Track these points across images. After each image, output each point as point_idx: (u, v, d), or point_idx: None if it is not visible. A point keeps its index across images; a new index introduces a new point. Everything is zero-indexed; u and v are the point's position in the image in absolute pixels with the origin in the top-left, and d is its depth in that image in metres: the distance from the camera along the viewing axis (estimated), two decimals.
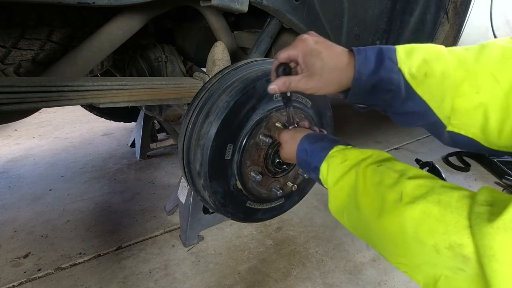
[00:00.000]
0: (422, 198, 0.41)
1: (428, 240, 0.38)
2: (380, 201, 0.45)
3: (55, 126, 2.95)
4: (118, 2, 0.73)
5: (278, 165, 0.88)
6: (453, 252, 0.35)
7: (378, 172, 0.50)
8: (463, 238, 0.35)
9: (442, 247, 0.36)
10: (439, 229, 0.37)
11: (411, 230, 0.40)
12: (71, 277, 1.15)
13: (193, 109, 0.85)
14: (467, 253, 0.34)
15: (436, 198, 0.40)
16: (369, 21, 1.12)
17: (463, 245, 0.35)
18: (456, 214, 0.37)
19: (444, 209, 0.38)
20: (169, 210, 1.50)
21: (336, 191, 0.56)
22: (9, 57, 0.91)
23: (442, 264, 0.37)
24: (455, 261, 0.35)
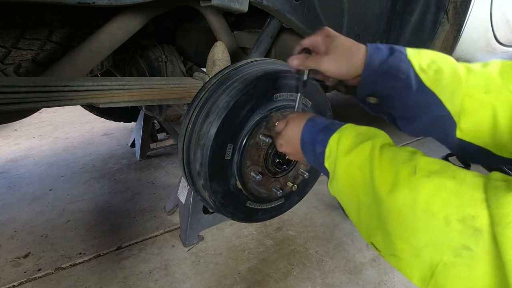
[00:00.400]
0: (437, 173, 0.40)
1: (440, 212, 0.36)
2: (394, 175, 0.44)
3: (55, 126, 2.95)
4: (118, 2, 0.73)
5: (278, 165, 0.88)
6: (464, 225, 0.34)
7: (391, 150, 0.48)
8: (477, 210, 0.34)
9: (453, 219, 0.35)
10: (453, 202, 0.36)
11: (423, 202, 0.38)
12: (71, 277, 1.15)
13: (193, 109, 0.85)
14: (480, 225, 0.33)
15: (451, 174, 0.39)
16: (369, 21, 1.11)
17: (476, 217, 0.34)
18: (472, 188, 0.36)
19: (459, 184, 0.37)
20: (169, 210, 1.50)
21: (347, 162, 0.51)
22: (9, 57, 0.91)
23: (447, 243, 0.35)
24: (464, 236, 0.34)
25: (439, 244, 0.36)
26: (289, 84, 0.84)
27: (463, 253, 0.34)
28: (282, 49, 1.44)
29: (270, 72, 0.82)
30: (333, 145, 0.55)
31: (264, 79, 0.79)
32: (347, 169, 0.51)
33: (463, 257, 0.34)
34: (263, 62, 0.92)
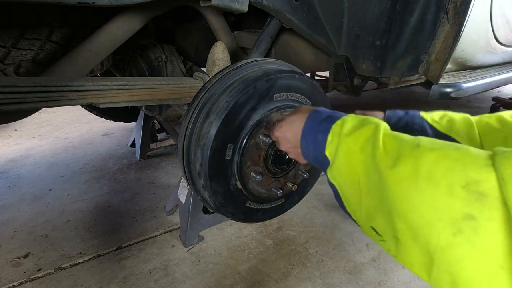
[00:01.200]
0: (440, 146, 0.39)
1: (443, 179, 0.35)
2: (397, 150, 0.43)
3: (55, 126, 2.95)
4: (118, 2, 0.73)
5: (278, 165, 0.88)
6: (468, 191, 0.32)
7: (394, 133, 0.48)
8: (482, 173, 0.32)
9: (457, 185, 0.33)
10: (456, 168, 0.34)
11: (425, 171, 0.37)
12: (71, 277, 1.15)
13: (193, 109, 0.85)
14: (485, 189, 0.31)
15: (455, 146, 0.38)
16: (369, 21, 1.11)
17: (481, 181, 0.32)
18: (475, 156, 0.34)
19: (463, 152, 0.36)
20: (169, 210, 1.50)
21: (349, 143, 0.51)
22: (9, 57, 0.91)
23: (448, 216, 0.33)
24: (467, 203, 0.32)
25: (437, 220, 0.34)
26: (288, 84, 0.84)
27: (463, 226, 0.32)
28: (282, 49, 1.45)
29: (270, 72, 0.82)
30: (336, 130, 0.55)
31: (264, 79, 0.79)
32: (348, 150, 0.51)
33: (464, 232, 0.32)
34: (263, 62, 0.92)
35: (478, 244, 0.31)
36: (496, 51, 1.62)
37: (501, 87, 3.12)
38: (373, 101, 3.60)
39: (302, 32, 1.09)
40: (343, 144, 0.52)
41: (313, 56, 1.49)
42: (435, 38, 1.09)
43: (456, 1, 1.03)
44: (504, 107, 2.99)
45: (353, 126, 0.53)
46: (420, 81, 1.31)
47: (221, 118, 0.75)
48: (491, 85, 1.54)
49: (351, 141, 0.51)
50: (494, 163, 0.32)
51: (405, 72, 1.17)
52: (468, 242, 0.31)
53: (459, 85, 1.31)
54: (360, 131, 0.50)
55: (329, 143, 0.55)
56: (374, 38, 1.14)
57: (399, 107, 0.79)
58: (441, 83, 1.27)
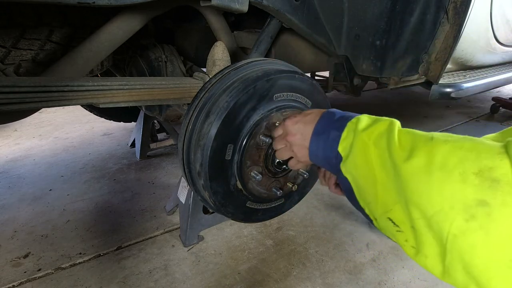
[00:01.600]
0: (454, 139, 0.40)
1: (456, 168, 0.35)
2: (411, 143, 0.44)
3: (55, 126, 2.95)
4: (118, 2, 0.73)
5: (278, 165, 0.88)
6: (481, 178, 0.33)
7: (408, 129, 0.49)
8: (495, 161, 0.33)
9: (469, 173, 0.34)
10: (469, 157, 0.35)
11: (439, 162, 0.37)
12: (71, 277, 1.15)
13: (193, 109, 0.85)
14: (498, 175, 0.32)
15: (469, 138, 0.39)
16: (369, 21, 1.11)
17: (494, 168, 0.32)
18: (490, 145, 0.35)
19: (477, 143, 0.37)
20: (169, 210, 1.50)
21: (364, 137, 0.52)
22: (9, 57, 0.91)
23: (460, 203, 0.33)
24: (480, 190, 0.32)
25: (449, 208, 0.35)
26: (289, 84, 0.84)
27: (476, 212, 0.32)
28: (282, 49, 1.45)
29: (270, 72, 0.82)
30: (351, 126, 0.56)
31: (265, 79, 0.79)
32: (364, 144, 0.52)
33: (477, 218, 0.32)
34: (263, 62, 0.92)
35: (491, 229, 0.31)
36: (496, 51, 1.63)
37: (501, 87, 3.12)
38: (373, 101, 3.60)
39: (302, 32, 1.09)
40: (358, 138, 0.53)
41: (313, 56, 1.49)
42: (435, 38, 1.09)
43: (456, 1, 1.03)
44: (504, 107, 3.00)
45: (368, 122, 0.54)
46: (420, 81, 1.31)
47: (221, 118, 0.75)
48: (491, 85, 1.54)
49: (366, 135, 0.52)
50: (507, 151, 0.33)
51: (405, 72, 1.17)
52: (481, 228, 0.32)
53: (459, 85, 1.32)
54: (374, 126, 0.52)
55: (344, 139, 0.56)
56: (374, 38, 1.14)
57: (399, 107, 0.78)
58: (441, 83, 1.27)
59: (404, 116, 2.95)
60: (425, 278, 1.12)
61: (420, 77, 1.23)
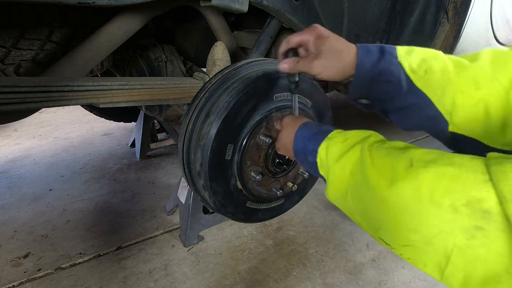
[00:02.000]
0: (433, 162, 0.39)
1: (445, 200, 0.35)
2: (390, 170, 0.43)
3: (55, 126, 2.95)
4: (118, 2, 0.73)
5: (278, 165, 0.88)
6: (471, 209, 0.33)
7: (383, 147, 0.48)
8: (482, 192, 0.33)
9: (459, 205, 0.34)
10: (456, 188, 0.35)
11: (427, 193, 0.37)
12: (71, 277, 1.15)
13: (193, 109, 0.85)
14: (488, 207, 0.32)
15: (448, 161, 0.38)
16: (369, 21, 1.11)
17: (482, 199, 0.33)
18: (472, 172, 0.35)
19: (458, 168, 0.36)
20: (169, 210, 1.50)
21: (337, 169, 0.52)
22: (9, 57, 0.91)
23: (459, 227, 0.34)
24: (474, 218, 0.33)
25: (449, 230, 0.35)
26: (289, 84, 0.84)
27: (476, 234, 0.33)
28: None
29: (270, 72, 0.82)
30: (322, 154, 0.56)
31: (265, 79, 0.79)
32: (339, 177, 0.52)
33: (477, 237, 0.33)
34: (263, 62, 0.92)
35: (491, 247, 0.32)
36: None
37: None
38: None
39: None
40: (332, 171, 0.53)
41: None
42: (435, 38, 1.09)
43: (456, 1, 1.03)
44: None
45: (338, 150, 0.53)
46: None
47: (221, 118, 0.75)
48: None
49: (339, 168, 0.52)
50: (491, 178, 0.33)
51: None
52: (483, 245, 0.33)
53: None
54: (346, 155, 0.51)
55: (320, 166, 0.57)
56: (374, 38, 1.14)
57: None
58: None
59: None
60: (425, 278, 1.12)
61: None
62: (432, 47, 1.11)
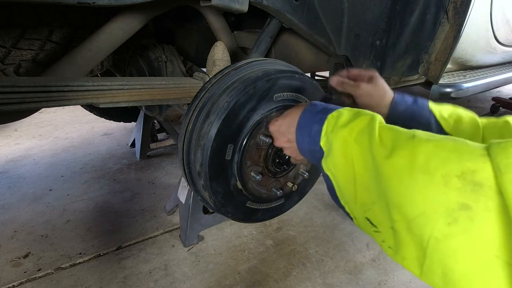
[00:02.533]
0: (436, 138, 0.39)
1: (438, 170, 0.35)
2: (393, 140, 0.43)
3: (55, 126, 2.95)
4: (118, 2, 0.73)
5: (278, 165, 0.88)
6: (463, 181, 0.32)
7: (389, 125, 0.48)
8: (478, 164, 0.32)
9: (452, 175, 0.33)
10: (452, 158, 0.34)
11: (421, 162, 0.37)
12: (71, 277, 1.15)
13: (193, 109, 0.85)
14: (480, 179, 0.31)
15: (451, 138, 0.38)
16: (369, 21, 1.11)
17: (477, 171, 0.32)
18: (472, 147, 0.34)
19: (459, 143, 0.36)
20: (169, 210, 1.50)
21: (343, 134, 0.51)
22: (9, 57, 0.90)
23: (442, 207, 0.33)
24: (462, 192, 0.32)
25: (431, 212, 0.34)
26: (289, 84, 0.84)
27: (459, 216, 0.32)
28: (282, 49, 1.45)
29: (271, 72, 0.82)
30: (331, 120, 0.55)
31: (265, 79, 0.79)
32: (344, 141, 0.50)
33: (459, 222, 0.32)
34: (263, 62, 0.92)
35: (474, 233, 0.31)
36: (496, 51, 1.63)
37: (501, 87, 3.12)
38: None
39: (302, 32, 1.09)
40: (338, 134, 0.52)
41: (313, 56, 1.49)
42: (435, 38, 1.09)
43: (456, 1, 1.03)
44: (504, 107, 2.99)
45: (348, 117, 0.53)
46: (420, 81, 1.31)
47: (221, 118, 0.75)
48: (491, 85, 1.54)
49: (346, 132, 0.51)
50: (489, 153, 0.32)
51: (405, 72, 1.17)
52: (464, 232, 0.31)
53: (459, 85, 1.32)
54: (355, 121, 0.51)
55: (324, 134, 0.55)
56: (374, 38, 1.14)
57: None
58: (441, 83, 1.27)
59: None
60: None
61: (420, 77, 1.23)
62: (432, 47, 1.11)
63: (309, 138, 0.59)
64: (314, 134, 0.57)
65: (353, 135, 0.49)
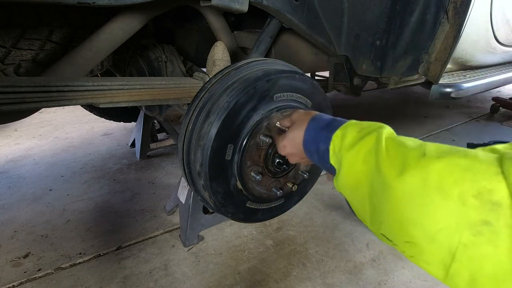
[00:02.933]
0: (447, 153, 0.38)
1: (454, 190, 0.34)
2: (402, 159, 0.42)
3: (55, 126, 2.95)
4: (118, 2, 0.73)
5: (278, 165, 0.88)
6: (481, 200, 0.32)
7: (398, 139, 0.47)
8: (493, 182, 0.32)
9: (469, 195, 0.33)
10: (466, 177, 0.34)
11: (435, 182, 0.36)
12: (71, 277, 1.15)
13: (193, 109, 0.85)
14: (498, 198, 0.31)
15: (463, 153, 0.37)
16: (369, 21, 1.11)
17: (493, 190, 0.32)
18: (486, 163, 0.34)
19: (472, 160, 0.35)
20: (169, 210, 1.50)
21: (351, 156, 0.51)
22: (9, 57, 0.91)
23: (464, 222, 0.33)
24: (482, 211, 0.32)
25: (455, 225, 0.34)
26: (289, 84, 0.84)
27: (483, 230, 0.32)
28: (282, 49, 1.45)
29: (271, 72, 0.82)
30: (336, 141, 0.55)
31: (265, 79, 0.79)
32: (351, 163, 0.50)
33: (484, 234, 0.32)
34: (264, 62, 0.92)
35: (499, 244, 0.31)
36: (496, 51, 1.62)
37: (501, 87, 3.12)
38: (373, 101, 3.60)
39: (302, 32, 1.09)
40: (345, 158, 0.52)
41: (313, 56, 1.49)
42: (435, 38, 1.09)
43: (456, 1, 1.03)
44: (504, 107, 3.00)
45: (353, 137, 0.52)
46: (420, 81, 1.31)
47: (222, 118, 0.75)
48: (491, 85, 1.54)
49: (353, 155, 0.50)
50: (503, 171, 0.32)
51: (405, 72, 1.17)
52: (489, 243, 0.32)
53: (459, 85, 1.32)
54: (361, 143, 0.50)
55: (332, 154, 0.55)
56: (374, 38, 1.14)
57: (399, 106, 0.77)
58: (441, 83, 1.27)
59: (404, 116, 2.95)
60: (425, 278, 1.12)
61: (420, 77, 1.23)
62: (432, 47, 1.11)
63: (317, 155, 0.60)
64: (323, 153, 0.58)
65: (361, 157, 0.49)
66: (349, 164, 0.51)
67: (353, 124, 0.56)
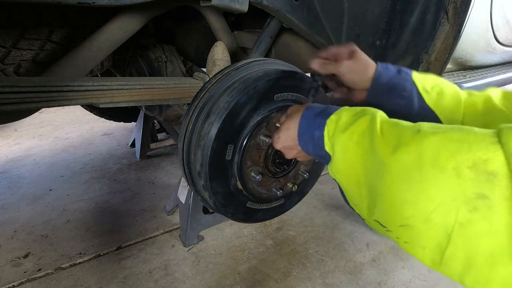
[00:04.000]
0: (442, 129, 0.37)
1: (449, 163, 0.33)
2: (397, 137, 0.41)
3: (55, 126, 2.95)
4: (118, 2, 0.73)
5: (278, 165, 0.88)
6: (476, 172, 0.31)
7: (391, 120, 0.47)
8: (489, 152, 0.31)
9: (464, 167, 0.32)
10: (461, 149, 0.33)
11: (430, 157, 0.35)
12: (71, 277, 1.15)
13: (193, 109, 0.85)
14: (494, 168, 0.30)
15: (457, 127, 0.36)
16: (369, 21, 1.11)
17: (488, 160, 0.31)
18: (481, 135, 0.33)
19: (467, 133, 0.34)
20: (169, 210, 1.50)
21: (345, 138, 0.50)
22: (9, 57, 0.91)
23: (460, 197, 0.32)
24: (477, 183, 0.31)
25: (451, 201, 0.33)
26: (289, 84, 0.84)
27: (478, 204, 0.31)
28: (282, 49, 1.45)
29: (271, 72, 0.82)
30: (331, 126, 0.54)
31: (265, 79, 0.79)
32: (345, 147, 0.50)
33: (479, 209, 0.31)
34: (264, 62, 0.92)
35: (495, 220, 0.31)
36: (496, 51, 1.63)
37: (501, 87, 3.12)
38: None
39: (302, 32, 1.09)
40: (338, 141, 0.51)
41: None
42: (435, 38, 1.09)
43: (456, 1, 1.03)
44: None
45: (348, 120, 0.52)
46: None
47: (222, 118, 0.75)
48: (491, 85, 1.54)
49: (347, 136, 0.50)
50: (501, 140, 0.31)
51: None
52: (485, 218, 0.31)
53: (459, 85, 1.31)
54: (355, 124, 0.50)
55: (328, 139, 0.55)
56: (374, 38, 1.14)
57: None
58: None
59: None
60: (425, 278, 1.12)
61: None
62: (432, 47, 1.11)
63: (312, 144, 0.59)
64: (317, 140, 0.57)
65: (354, 138, 0.48)
66: (343, 146, 0.50)
67: (347, 109, 0.55)
